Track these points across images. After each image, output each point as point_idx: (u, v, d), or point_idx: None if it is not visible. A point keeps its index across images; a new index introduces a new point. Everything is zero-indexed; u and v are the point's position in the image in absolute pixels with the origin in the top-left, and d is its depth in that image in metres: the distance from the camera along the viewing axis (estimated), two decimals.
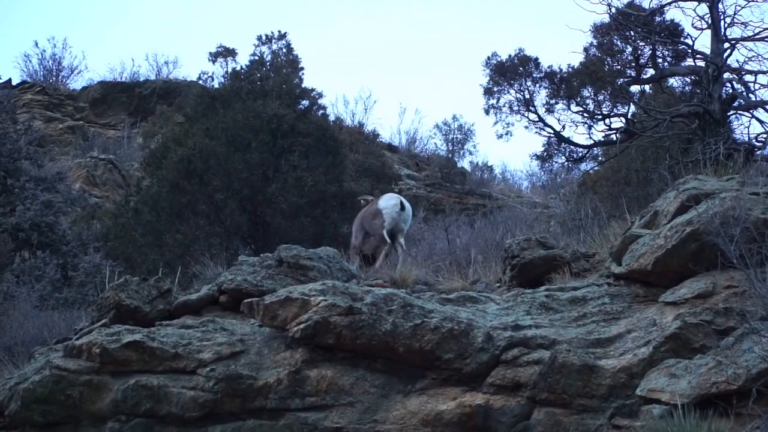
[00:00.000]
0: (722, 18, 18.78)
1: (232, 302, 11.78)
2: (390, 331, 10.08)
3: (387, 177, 27.67)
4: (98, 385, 10.38)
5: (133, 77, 37.43)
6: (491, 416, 9.75)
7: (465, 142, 37.73)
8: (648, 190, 16.43)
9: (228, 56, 37.91)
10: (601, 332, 10.19)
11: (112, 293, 11.82)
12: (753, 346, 8.32)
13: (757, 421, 8.01)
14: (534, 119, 21.27)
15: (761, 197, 10.29)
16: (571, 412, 9.60)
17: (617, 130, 20.30)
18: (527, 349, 10.01)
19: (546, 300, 10.95)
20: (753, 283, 8.16)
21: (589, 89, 20.36)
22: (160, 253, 17.10)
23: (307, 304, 10.38)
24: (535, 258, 12.18)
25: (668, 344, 9.45)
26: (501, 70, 21.50)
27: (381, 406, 10.03)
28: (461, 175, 34.01)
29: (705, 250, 9.76)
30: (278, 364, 10.44)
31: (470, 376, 10.02)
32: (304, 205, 17.89)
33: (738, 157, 13.96)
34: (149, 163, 19.65)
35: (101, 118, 35.17)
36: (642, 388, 9.01)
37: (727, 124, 18.11)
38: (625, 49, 20.39)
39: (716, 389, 8.42)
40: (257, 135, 18.30)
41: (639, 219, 11.82)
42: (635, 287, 10.84)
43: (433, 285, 12.45)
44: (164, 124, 28.31)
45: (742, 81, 19.15)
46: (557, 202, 24.87)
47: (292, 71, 33.60)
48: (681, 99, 20.14)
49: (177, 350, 10.53)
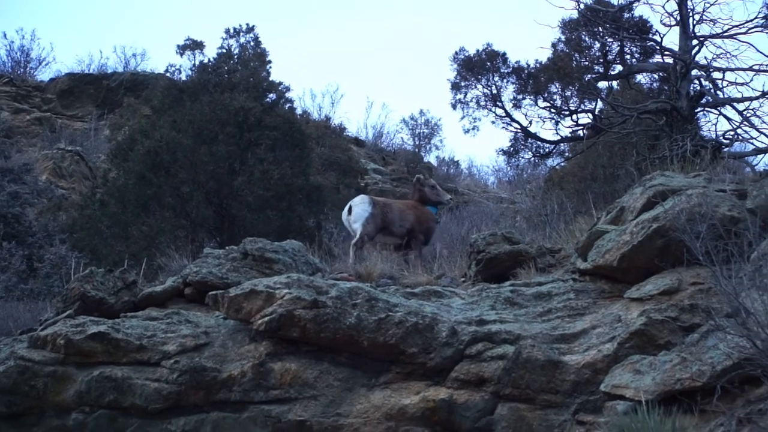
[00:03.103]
0: (691, 15, 18.85)
1: (197, 294, 11.77)
2: (354, 325, 10.07)
3: (353, 171, 27.66)
4: (62, 376, 10.34)
5: (101, 69, 37.27)
6: (455, 411, 9.74)
7: (432, 137, 38.00)
8: (614, 186, 16.46)
9: (196, 49, 37.92)
10: (565, 328, 10.19)
11: (78, 284, 11.75)
12: (718, 343, 8.31)
13: (721, 418, 8.02)
14: (501, 114, 21.38)
15: (728, 194, 10.32)
16: (535, 408, 9.61)
17: (584, 126, 20.42)
18: (492, 344, 10.00)
19: (511, 295, 10.94)
20: (719, 280, 8.15)
21: (557, 85, 20.44)
22: (125, 244, 17.00)
23: (271, 297, 10.37)
24: (500, 253, 12.15)
25: (633, 340, 9.44)
26: (468, 65, 21.56)
27: (345, 399, 10.02)
28: (428, 170, 33.80)
29: (671, 246, 9.79)
30: (242, 357, 10.43)
31: (434, 370, 10.02)
32: (270, 198, 17.82)
33: (705, 154, 13.97)
34: (116, 155, 19.48)
35: (69, 109, 34.92)
36: (606, 384, 9.00)
37: (695, 121, 18.19)
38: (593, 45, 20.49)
39: (681, 386, 8.42)
40: (224, 128, 18.23)
41: (605, 215, 11.83)
42: (600, 283, 10.85)
43: (398, 279, 12.44)
44: (131, 116, 28.25)
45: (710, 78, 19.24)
46: (523, 198, 24.82)
47: (259, 64, 33.65)
48: (649, 95, 20.24)
49: (141, 342, 10.49)
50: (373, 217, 14.48)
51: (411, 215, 14.93)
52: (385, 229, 14.64)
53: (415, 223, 14.82)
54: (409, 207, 15.28)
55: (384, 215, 14.62)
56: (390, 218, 14.68)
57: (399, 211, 14.93)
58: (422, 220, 14.99)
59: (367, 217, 14.43)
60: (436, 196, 15.37)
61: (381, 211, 14.62)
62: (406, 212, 14.97)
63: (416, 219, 14.89)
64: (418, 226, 14.82)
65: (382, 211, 14.64)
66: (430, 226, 15.08)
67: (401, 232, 14.78)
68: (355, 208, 14.59)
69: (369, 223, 14.40)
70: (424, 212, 15.17)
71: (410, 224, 14.77)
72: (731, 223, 9.44)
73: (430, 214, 15.22)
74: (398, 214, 14.85)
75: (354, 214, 14.53)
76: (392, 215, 14.74)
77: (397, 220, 14.74)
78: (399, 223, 14.74)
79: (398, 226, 14.73)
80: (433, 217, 15.26)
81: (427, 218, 15.08)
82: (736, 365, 7.93)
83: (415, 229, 14.77)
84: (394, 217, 14.74)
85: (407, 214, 14.94)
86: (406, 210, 15.07)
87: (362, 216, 14.41)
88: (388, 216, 14.67)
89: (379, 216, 14.55)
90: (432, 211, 15.27)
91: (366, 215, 14.43)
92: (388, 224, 14.65)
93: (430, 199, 15.35)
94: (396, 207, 15.14)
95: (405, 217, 14.85)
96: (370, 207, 14.59)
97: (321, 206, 19.54)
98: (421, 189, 15.39)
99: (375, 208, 14.61)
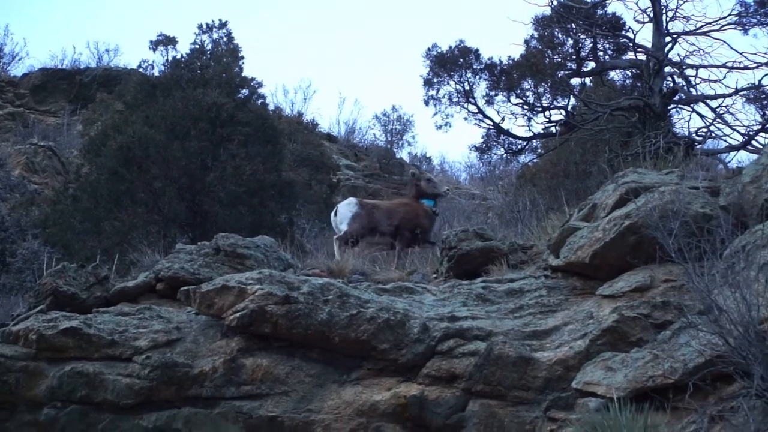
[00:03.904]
0: (664, 12, 19.03)
1: (169, 290, 11.76)
2: (326, 321, 10.06)
3: (325, 167, 27.74)
4: (34, 372, 10.31)
5: (74, 65, 37.04)
6: (426, 407, 9.73)
7: (404, 133, 38.27)
8: (587, 183, 16.55)
9: (168, 45, 37.83)
10: (537, 324, 10.20)
11: (50, 280, 11.75)
12: (690, 340, 8.31)
13: (693, 415, 8.02)
14: (473, 111, 21.56)
15: (700, 191, 10.32)
16: (506, 404, 9.61)
17: (557, 122, 20.56)
18: (463, 340, 10.01)
19: (483, 291, 10.95)
20: (691, 277, 8.15)
21: (530, 81, 20.58)
22: (98, 240, 16.98)
23: (243, 292, 10.35)
24: (472, 249, 12.13)
25: (605, 337, 9.47)
26: (441, 62, 21.70)
27: (316, 395, 10.02)
28: (400, 166, 34.16)
29: (643, 243, 9.77)
30: (214, 353, 10.42)
31: (406, 366, 10.02)
32: (243, 194, 17.86)
33: (678, 151, 14.01)
34: (88, 151, 19.47)
35: (42, 105, 34.73)
36: (578, 381, 9.00)
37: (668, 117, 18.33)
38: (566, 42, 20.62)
39: (653, 383, 8.41)
40: (196, 123, 18.23)
41: (577, 212, 11.86)
42: (572, 280, 10.87)
43: (369, 275, 12.45)
44: (104, 111, 28.09)
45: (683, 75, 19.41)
46: (495, 194, 24.99)
47: (232, 60, 33.71)
48: (621, 92, 20.39)
49: (113, 337, 10.47)
50: (359, 216, 14.49)
51: (399, 213, 14.84)
52: (373, 229, 14.59)
53: (403, 220, 14.69)
54: (398, 205, 15.26)
55: (370, 215, 14.59)
56: (377, 218, 14.62)
57: (387, 210, 14.89)
58: (411, 216, 14.82)
59: (352, 216, 14.45)
60: (433, 188, 15.16)
61: (367, 212, 14.61)
62: (393, 211, 14.90)
63: (404, 216, 14.76)
64: (406, 223, 14.65)
65: (368, 212, 14.62)
66: (420, 222, 14.81)
67: (390, 231, 14.67)
68: (341, 210, 14.64)
69: (354, 222, 14.40)
70: (415, 208, 14.99)
71: (398, 222, 14.66)
72: (704, 220, 9.44)
73: (424, 209, 14.98)
74: (385, 213, 14.79)
75: (339, 215, 14.57)
76: (379, 215, 14.68)
77: (384, 219, 14.66)
78: (387, 222, 14.65)
79: (386, 225, 14.64)
80: (427, 212, 15.02)
81: (417, 214, 14.87)
82: (708, 362, 7.93)
83: (402, 226, 14.64)
84: (381, 217, 14.67)
85: (395, 212, 14.85)
86: (393, 209, 15.00)
87: (347, 216, 14.44)
88: (375, 215, 14.62)
89: (365, 216, 14.54)
90: (428, 205, 15.06)
91: (350, 215, 14.44)
92: (375, 224, 14.60)
93: (426, 193, 15.13)
94: (384, 207, 15.12)
95: (392, 215, 14.76)
96: (356, 207, 14.63)
97: (293, 202, 19.67)
98: (417, 183, 15.21)
99: (361, 208, 14.64)
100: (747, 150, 18.19)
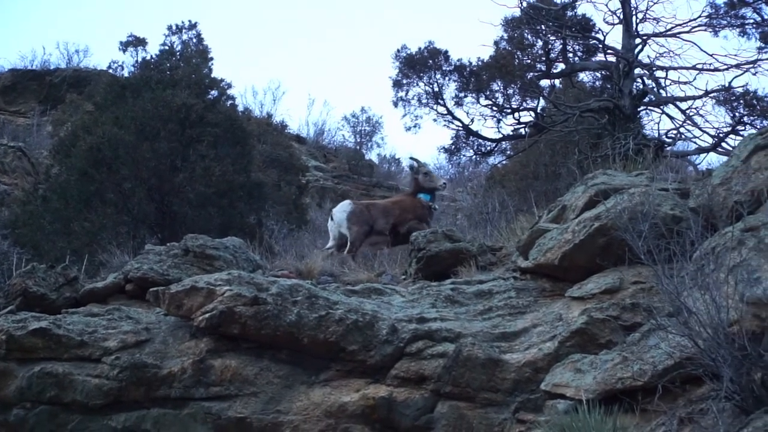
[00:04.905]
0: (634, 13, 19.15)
1: (138, 291, 11.77)
2: (295, 322, 10.04)
3: (295, 168, 27.80)
4: (4, 372, 10.22)
5: (44, 65, 37.14)
6: (395, 409, 9.73)
7: (373, 135, 38.75)
8: (556, 185, 16.61)
9: (138, 45, 37.99)
10: (506, 326, 10.22)
11: (19, 280, 11.77)
12: (659, 342, 8.31)
13: (662, 417, 8.02)
14: (443, 112, 21.67)
15: (670, 193, 10.35)
16: (475, 406, 9.62)
17: (526, 124, 20.64)
18: (432, 342, 10.00)
19: (452, 293, 10.97)
20: (660, 279, 8.16)
21: (499, 83, 20.65)
22: (67, 240, 16.96)
23: (212, 293, 10.33)
24: (441, 251, 12.17)
25: (574, 339, 9.49)
26: (410, 63, 21.78)
27: (284, 396, 9.99)
28: (369, 167, 34.45)
29: (613, 245, 9.79)
30: (183, 353, 10.38)
31: (374, 368, 10.01)
32: (212, 195, 17.89)
33: (647, 152, 14.11)
34: (58, 151, 19.48)
35: (11, 105, 34.81)
36: (547, 383, 8.98)
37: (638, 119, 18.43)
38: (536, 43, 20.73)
39: (622, 385, 8.40)
40: (166, 124, 18.23)
41: (547, 213, 11.88)
42: (542, 281, 10.89)
43: (338, 276, 12.54)
44: (74, 112, 28.19)
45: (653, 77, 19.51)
46: (464, 196, 25.01)
47: (201, 61, 33.79)
48: (591, 94, 20.50)
49: (82, 338, 10.41)
50: (357, 215, 14.50)
51: (395, 210, 14.87)
52: (371, 228, 14.57)
53: (399, 218, 14.72)
54: (393, 202, 15.33)
55: (368, 213, 14.61)
56: (374, 216, 14.63)
57: (383, 208, 14.90)
58: (407, 213, 14.87)
59: (349, 219, 14.45)
60: (429, 182, 15.16)
61: (363, 211, 14.63)
62: (389, 208, 14.91)
63: (400, 214, 14.80)
64: (403, 220, 14.71)
65: (364, 211, 14.64)
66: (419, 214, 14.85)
67: (387, 229, 14.68)
68: (337, 213, 14.65)
69: (354, 224, 14.40)
70: (412, 204, 15.04)
71: (394, 219, 14.67)
72: (673, 222, 9.46)
73: (420, 204, 15.01)
74: (381, 211, 14.80)
75: (336, 219, 14.57)
76: (375, 213, 14.70)
77: (381, 218, 14.67)
78: (384, 220, 14.66)
79: (383, 223, 14.65)
80: (423, 208, 15.04)
81: (413, 210, 14.92)
82: (678, 365, 7.93)
83: (398, 223, 14.67)
84: (377, 215, 14.68)
85: (390, 209, 14.87)
86: (389, 206, 15.03)
87: (345, 219, 14.46)
88: (372, 214, 14.64)
89: (363, 215, 14.55)
90: (425, 200, 15.06)
91: (348, 217, 14.45)
92: (372, 223, 14.59)
93: (423, 187, 15.17)
94: (380, 205, 15.14)
95: (388, 213, 14.77)
96: (351, 207, 14.66)
97: (262, 203, 19.73)
98: (416, 177, 15.26)
99: (356, 208, 14.67)
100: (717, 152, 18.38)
